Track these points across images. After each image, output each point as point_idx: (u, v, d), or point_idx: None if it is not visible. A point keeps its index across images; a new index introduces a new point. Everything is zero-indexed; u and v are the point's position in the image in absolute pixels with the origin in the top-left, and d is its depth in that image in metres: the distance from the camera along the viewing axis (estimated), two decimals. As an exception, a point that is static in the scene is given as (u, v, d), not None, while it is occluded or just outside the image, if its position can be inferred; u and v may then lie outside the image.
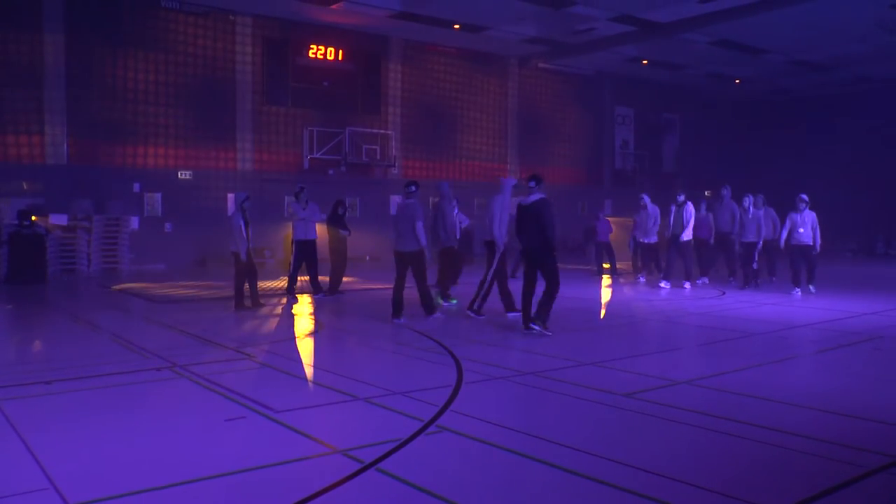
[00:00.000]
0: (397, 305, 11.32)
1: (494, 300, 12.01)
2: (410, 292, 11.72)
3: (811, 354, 8.91)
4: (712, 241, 16.96)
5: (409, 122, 25.94)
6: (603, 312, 13.08)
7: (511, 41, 25.78)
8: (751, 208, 15.69)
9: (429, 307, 11.50)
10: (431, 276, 12.59)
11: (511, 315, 11.47)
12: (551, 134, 30.10)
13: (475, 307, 11.62)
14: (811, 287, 14.83)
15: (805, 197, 14.69)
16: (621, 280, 18.29)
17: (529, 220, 9.86)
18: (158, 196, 21.34)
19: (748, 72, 30.03)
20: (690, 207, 15.98)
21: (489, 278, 11.61)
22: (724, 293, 14.96)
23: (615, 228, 21.00)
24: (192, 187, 21.68)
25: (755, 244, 15.58)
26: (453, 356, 8.36)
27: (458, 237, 13.70)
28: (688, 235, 15.95)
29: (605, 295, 15.72)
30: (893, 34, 23.68)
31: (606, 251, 19.49)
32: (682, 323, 11.29)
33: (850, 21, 22.66)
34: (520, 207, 10.08)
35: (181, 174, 21.64)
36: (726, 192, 16.87)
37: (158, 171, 21.33)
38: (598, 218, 19.87)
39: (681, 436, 5.58)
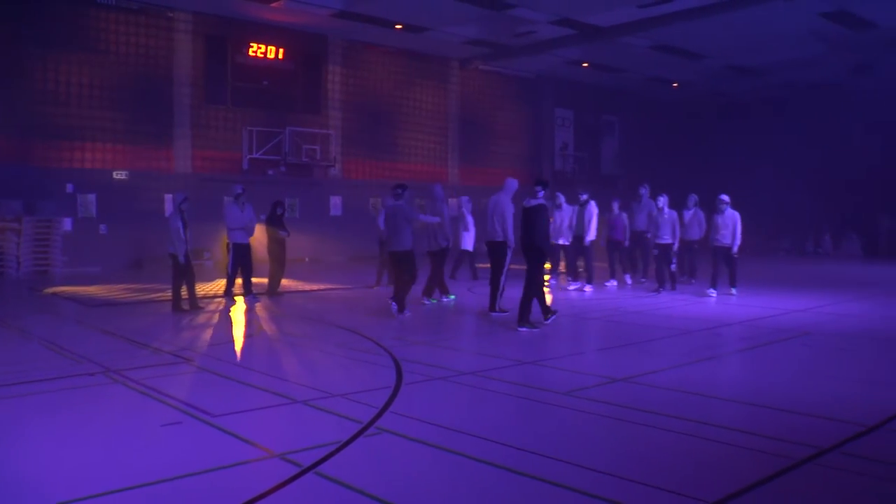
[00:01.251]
0: (400, 301, 11.81)
1: (482, 299, 12.04)
2: (415, 288, 11.82)
3: (743, 351, 9.15)
4: (627, 242, 16.60)
5: (350, 122, 25.83)
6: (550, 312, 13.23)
7: (452, 42, 25.86)
8: (665, 209, 15.20)
9: (401, 305, 11.82)
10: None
11: (494, 314, 11.66)
12: (492, 135, 30.27)
13: (498, 308, 11.74)
14: (733, 290, 14.61)
15: (726, 198, 14.56)
16: (561, 282, 18.49)
17: (529, 222, 10.59)
18: (93, 197, 20.86)
19: (686, 76, 30.62)
20: (592, 207, 15.51)
21: (502, 278, 11.76)
22: (658, 292, 15.22)
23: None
24: (128, 188, 21.24)
25: (670, 245, 15.13)
26: (393, 357, 8.37)
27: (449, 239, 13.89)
28: (591, 235, 15.49)
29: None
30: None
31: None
32: (618, 321, 11.47)
33: (783, 29, 23.29)
34: (524, 209, 10.78)
35: (116, 174, 21.19)
36: (644, 191, 16.64)
37: (93, 171, 20.84)
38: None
39: (620, 432, 5.69)
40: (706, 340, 10.05)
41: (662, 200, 15.27)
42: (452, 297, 13.99)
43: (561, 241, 15.93)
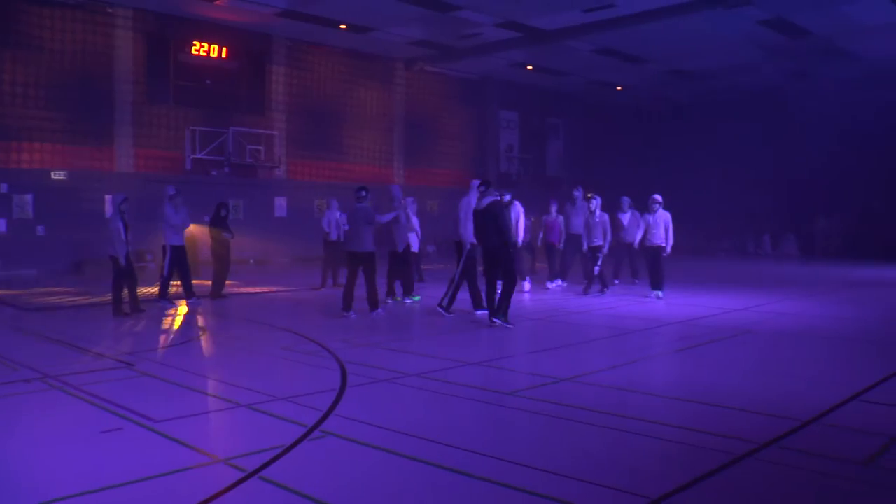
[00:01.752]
0: (348, 301, 12.00)
1: (431, 301, 12.01)
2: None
3: (684, 350, 9.31)
4: (561, 244, 16.55)
5: (295, 122, 25.63)
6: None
7: (397, 43, 25.84)
8: (598, 211, 15.14)
9: (373, 303, 12.13)
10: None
11: (479, 312, 11.78)
12: (437, 136, 30.32)
13: (444, 304, 12.01)
14: (658, 293, 14.41)
15: (658, 198, 14.52)
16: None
17: (487, 222, 10.76)
18: (29, 197, 20.33)
19: (630, 79, 31.07)
20: (518, 207, 14.86)
21: (457, 277, 12.12)
22: (603, 293, 15.42)
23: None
24: (67, 188, 20.74)
25: (601, 248, 15.01)
26: (338, 360, 8.33)
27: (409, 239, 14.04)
28: (521, 237, 14.74)
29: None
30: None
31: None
32: (562, 322, 11.58)
33: (722, 35, 23.80)
34: (475, 212, 11.05)
35: (55, 174, 20.68)
36: (578, 193, 16.49)
37: (30, 171, 20.32)
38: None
39: (564, 432, 5.75)
40: (648, 340, 10.20)
41: (595, 203, 15.22)
42: (417, 297, 14.08)
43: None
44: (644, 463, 5.11)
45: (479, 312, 11.82)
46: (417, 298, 14.04)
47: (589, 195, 15.62)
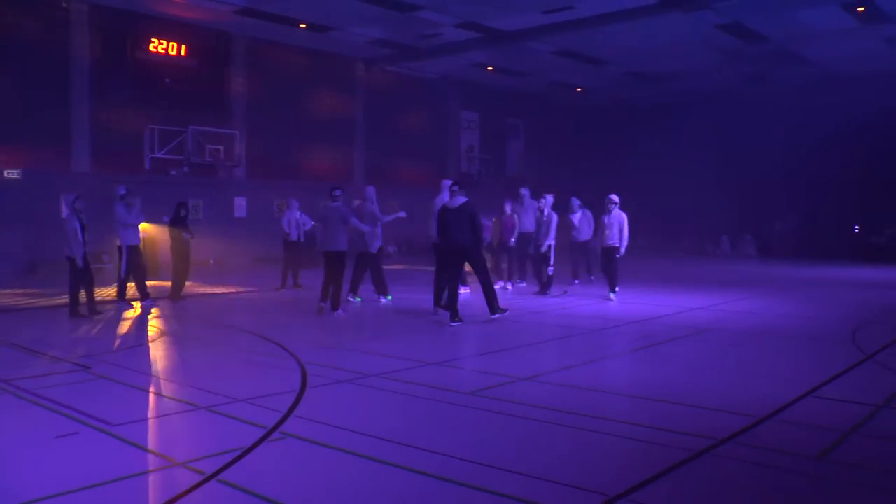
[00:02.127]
0: (326, 295, 12.35)
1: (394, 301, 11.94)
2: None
3: (643, 348, 9.40)
4: (512, 242, 16.31)
5: (255, 121, 25.38)
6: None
7: (358, 43, 25.73)
8: (546, 210, 15.04)
9: (335, 304, 12.17)
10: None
11: (497, 315, 11.54)
12: (398, 136, 30.23)
13: (499, 309, 11.83)
14: (611, 294, 14.36)
15: (615, 198, 14.50)
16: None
17: (459, 220, 11.07)
18: (-19, 197, 19.90)
19: (589, 81, 31.29)
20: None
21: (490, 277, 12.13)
22: (565, 292, 15.52)
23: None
24: (21, 188, 20.32)
25: (549, 247, 14.96)
26: (298, 361, 8.28)
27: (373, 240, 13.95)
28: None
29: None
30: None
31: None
32: (521, 321, 11.62)
33: (681, 39, 24.08)
34: (447, 210, 11.25)
35: (8, 174, 20.24)
36: (525, 192, 16.33)
37: (-18, 170, 19.88)
38: None
39: (523, 430, 5.77)
40: (607, 339, 10.30)
41: (545, 201, 15.15)
42: (389, 297, 14.07)
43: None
44: (603, 461, 5.15)
45: (496, 315, 11.46)
46: (390, 297, 14.02)
47: (544, 195, 15.63)
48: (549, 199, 15.26)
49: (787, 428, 5.84)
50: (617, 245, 14.28)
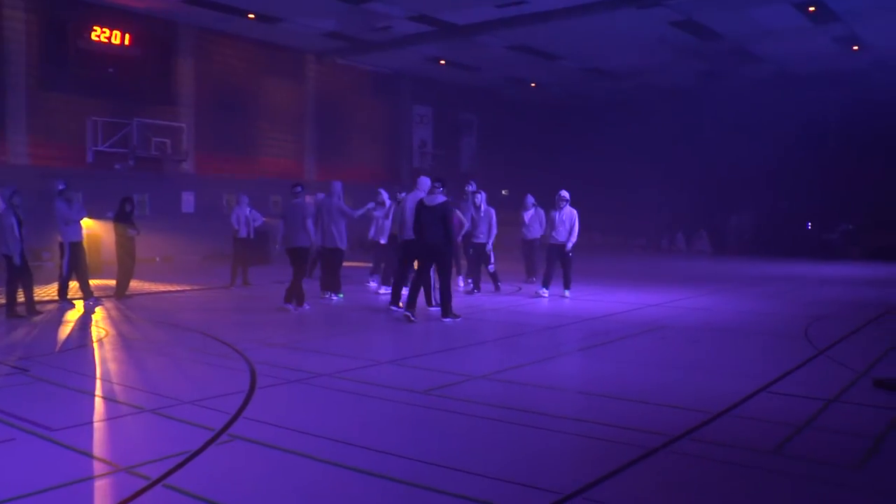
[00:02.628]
0: (299, 295, 12.50)
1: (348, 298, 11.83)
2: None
3: (597, 346, 9.46)
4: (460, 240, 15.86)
5: (203, 114, 25.03)
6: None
7: (308, 34, 25.51)
8: (483, 206, 14.95)
9: (299, 299, 12.44)
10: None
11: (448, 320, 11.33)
12: (350, 131, 30.09)
13: (434, 302, 12.35)
14: (566, 292, 14.34)
15: (565, 194, 14.44)
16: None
17: (434, 219, 11.14)
18: (-90, 192, 19.29)
19: (543, 76, 31.46)
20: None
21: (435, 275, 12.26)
22: (519, 289, 15.58)
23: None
24: (-46, 182, 19.78)
25: (485, 245, 14.91)
26: (247, 360, 8.17)
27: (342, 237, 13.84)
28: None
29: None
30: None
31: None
32: (475, 319, 11.63)
33: (635, 35, 24.34)
34: (423, 206, 11.30)
35: (-61, 166, 19.71)
36: (471, 188, 15.91)
37: (-88, 163, 19.29)
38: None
39: (476, 429, 5.76)
40: (561, 337, 10.36)
41: (480, 197, 15.05)
42: (341, 295, 13.96)
43: (382, 241, 15.28)
44: (556, 459, 5.16)
45: (447, 319, 11.30)
46: (342, 296, 13.92)
47: (470, 183, 15.58)
48: (483, 194, 15.18)
49: (742, 423, 5.92)
50: (565, 242, 14.25)
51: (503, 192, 33.10)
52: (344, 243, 13.76)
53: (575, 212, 14.40)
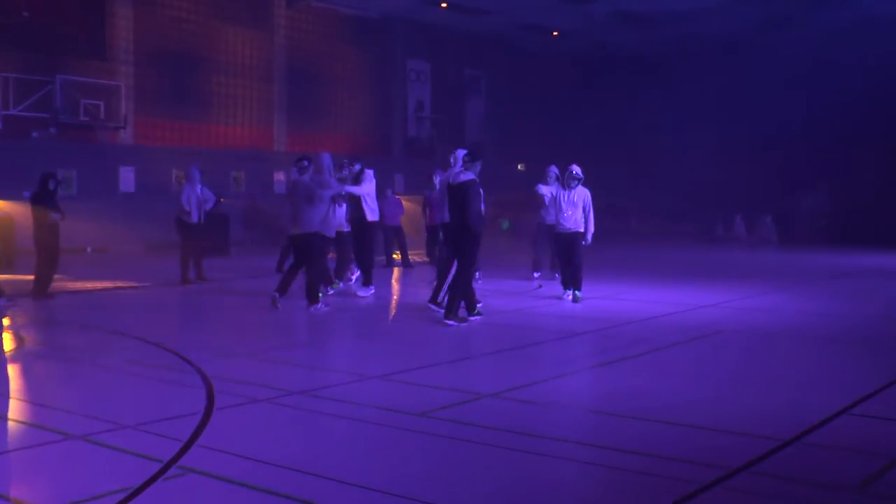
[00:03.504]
0: (285, 286, 12.64)
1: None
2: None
3: (639, 356, 9.41)
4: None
5: (146, 72, 24.99)
6: (393, 312, 13.38)
7: (277, -29, 25.51)
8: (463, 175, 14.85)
9: (312, 297, 12.47)
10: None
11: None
12: (329, 92, 30.06)
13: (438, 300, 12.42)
14: (576, 292, 13.92)
15: (578, 171, 14.11)
16: (415, 272, 18.64)
17: (457, 200, 11.47)
18: None
19: (568, 23, 31.35)
20: (370, 178, 14.66)
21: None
22: (540, 286, 15.56)
23: (407, 209, 21.32)
24: None
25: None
26: (202, 374, 8.15)
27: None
28: (372, 216, 14.61)
29: (395, 291, 16.01)
30: None
31: (397, 237, 19.80)
32: (487, 323, 11.61)
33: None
34: (448, 186, 11.75)
35: None
36: (458, 156, 15.74)
37: None
38: (385, 196, 19.77)
39: (490, 461, 5.72)
40: (594, 344, 10.33)
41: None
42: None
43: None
44: (587, 497, 5.13)
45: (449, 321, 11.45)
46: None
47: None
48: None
49: (819, 453, 5.89)
50: (582, 231, 13.97)
51: (518, 166, 33.09)
52: (332, 230, 13.85)
53: (588, 192, 14.10)
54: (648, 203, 32.86)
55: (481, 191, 11.59)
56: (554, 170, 16.59)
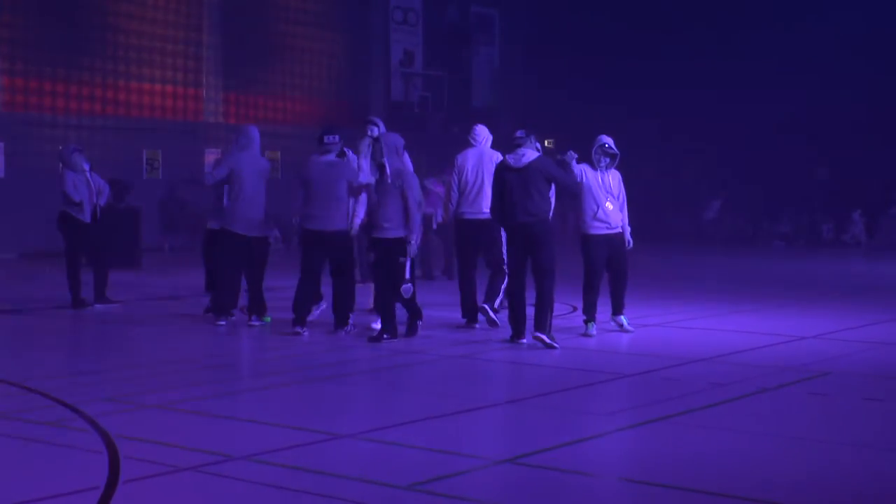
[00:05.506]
0: (301, 309, 12.92)
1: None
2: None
3: (710, 407, 9.42)
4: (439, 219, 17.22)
5: (18, 16, 25.03)
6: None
7: None
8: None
9: (342, 317, 13.09)
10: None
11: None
12: (279, 42, 30.08)
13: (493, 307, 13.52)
14: (622, 319, 14.04)
15: (610, 143, 13.77)
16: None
17: (527, 186, 12.11)
18: None
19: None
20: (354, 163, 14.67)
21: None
22: (574, 308, 15.57)
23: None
24: None
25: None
26: (104, 433, 8.14)
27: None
28: (359, 217, 14.38)
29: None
30: None
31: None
32: (508, 361, 11.66)
33: None
34: (506, 170, 12.29)
35: None
36: (479, 132, 15.08)
37: None
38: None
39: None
40: (649, 390, 10.34)
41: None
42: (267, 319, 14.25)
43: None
44: None
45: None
46: (268, 319, 14.19)
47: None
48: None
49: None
50: (620, 231, 13.88)
51: (546, 142, 33.16)
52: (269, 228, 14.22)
53: (620, 176, 13.99)
54: (727, 192, 32.92)
55: None
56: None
